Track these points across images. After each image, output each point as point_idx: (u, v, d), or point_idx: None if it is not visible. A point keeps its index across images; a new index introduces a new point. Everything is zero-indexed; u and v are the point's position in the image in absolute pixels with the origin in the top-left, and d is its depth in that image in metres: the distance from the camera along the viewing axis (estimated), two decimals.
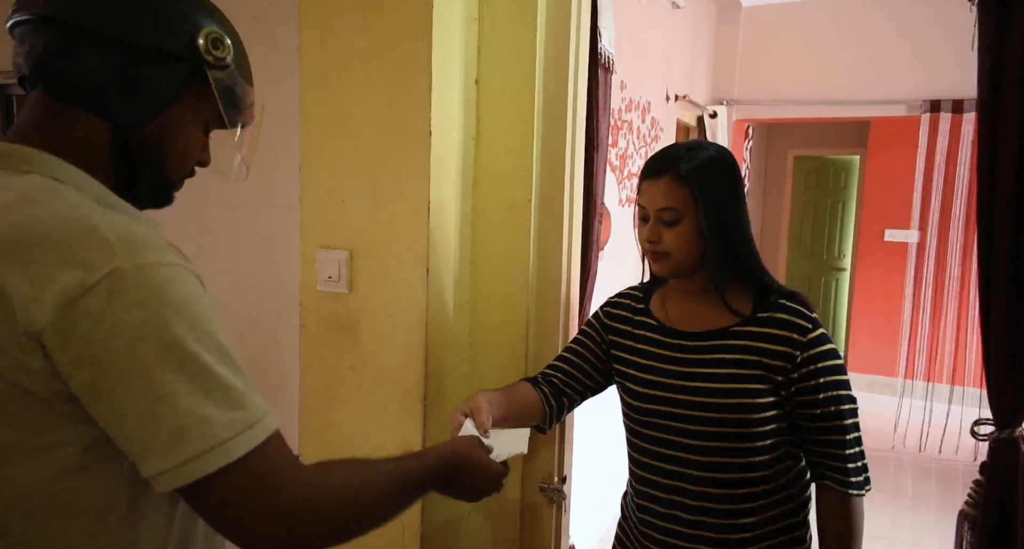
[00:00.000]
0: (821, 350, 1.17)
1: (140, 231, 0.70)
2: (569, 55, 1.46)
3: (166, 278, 0.68)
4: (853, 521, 1.19)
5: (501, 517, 1.56)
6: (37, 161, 0.74)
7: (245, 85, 0.87)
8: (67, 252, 0.66)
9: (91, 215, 0.69)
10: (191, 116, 0.84)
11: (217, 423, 0.67)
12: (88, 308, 0.64)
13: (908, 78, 4.87)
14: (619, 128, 3.34)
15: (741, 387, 1.16)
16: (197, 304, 0.70)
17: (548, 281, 1.51)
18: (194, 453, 0.66)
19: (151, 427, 0.66)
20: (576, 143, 1.52)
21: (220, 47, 0.82)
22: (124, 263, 0.66)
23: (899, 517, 3.80)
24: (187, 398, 0.66)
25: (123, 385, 0.65)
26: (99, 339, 0.64)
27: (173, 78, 0.79)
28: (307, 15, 1.45)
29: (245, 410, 0.70)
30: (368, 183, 1.42)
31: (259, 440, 0.70)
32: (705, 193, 1.16)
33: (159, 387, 0.65)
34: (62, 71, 0.75)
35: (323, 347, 1.50)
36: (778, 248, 7.12)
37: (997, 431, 1.34)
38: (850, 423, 1.18)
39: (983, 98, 1.32)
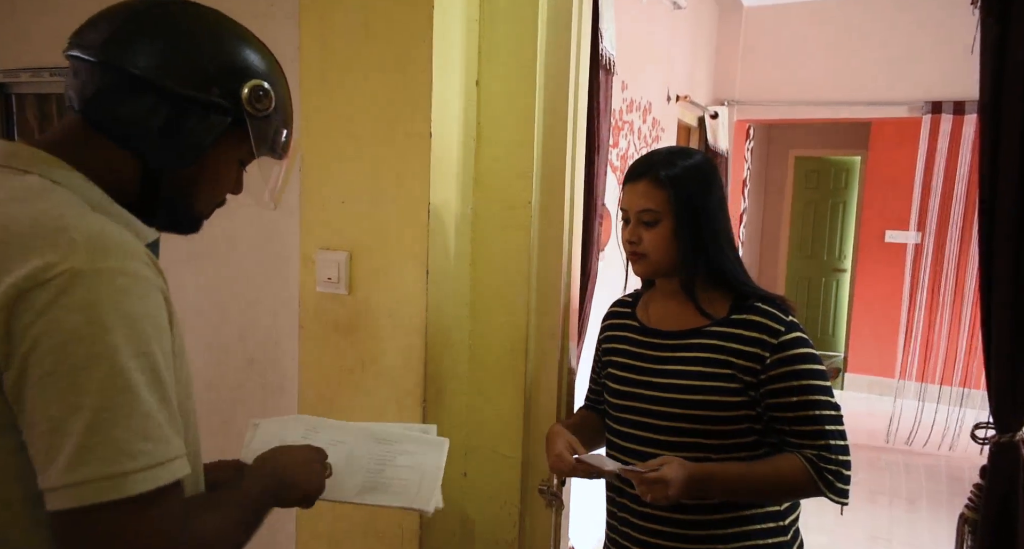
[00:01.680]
0: (793, 353, 1.17)
1: (115, 236, 0.68)
2: (570, 56, 1.46)
3: (121, 287, 0.65)
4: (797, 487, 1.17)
5: (500, 519, 1.56)
6: (37, 162, 0.74)
7: (283, 130, 0.88)
8: (30, 248, 0.65)
9: (67, 215, 0.68)
10: (227, 158, 0.85)
11: (126, 451, 0.63)
12: (33, 303, 0.62)
13: (909, 79, 4.87)
14: (620, 129, 3.33)
15: (708, 384, 1.18)
16: (146, 321, 0.66)
17: (548, 282, 1.50)
18: (94, 475, 0.61)
19: (58, 438, 0.62)
20: (577, 144, 1.52)
21: (263, 99, 0.82)
22: (83, 264, 0.64)
23: (897, 518, 3.80)
24: (102, 415, 0.62)
25: (43, 387, 0.62)
26: (33, 335, 0.62)
27: (214, 128, 0.80)
28: (308, 16, 1.45)
29: (158, 444, 0.65)
30: (368, 184, 1.42)
31: (162, 481, 0.65)
32: (680, 196, 1.21)
33: (77, 396, 0.62)
34: (108, 111, 0.77)
35: (323, 348, 1.50)
36: (778, 249, 7.12)
37: (997, 435, 1.34)
38: (831, 429, 1.17)
39: (984, 100, 1.31)
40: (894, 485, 4.25)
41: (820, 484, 1.16)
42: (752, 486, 1.18)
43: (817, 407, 1.17)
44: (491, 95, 1.48)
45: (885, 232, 5.56)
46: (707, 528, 1.22)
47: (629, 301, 1.41)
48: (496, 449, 1.53)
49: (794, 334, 1.19)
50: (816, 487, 1.16)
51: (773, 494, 1.21)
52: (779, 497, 1.22)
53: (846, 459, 1.17)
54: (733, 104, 5.22)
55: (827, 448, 1.16)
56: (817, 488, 1.16)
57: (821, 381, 1.18)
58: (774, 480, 1.17)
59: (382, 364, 1.44)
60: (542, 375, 1.51)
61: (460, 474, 1.55)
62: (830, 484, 1.16)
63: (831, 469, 1.16)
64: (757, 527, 1.23)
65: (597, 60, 1.72)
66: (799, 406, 1.17)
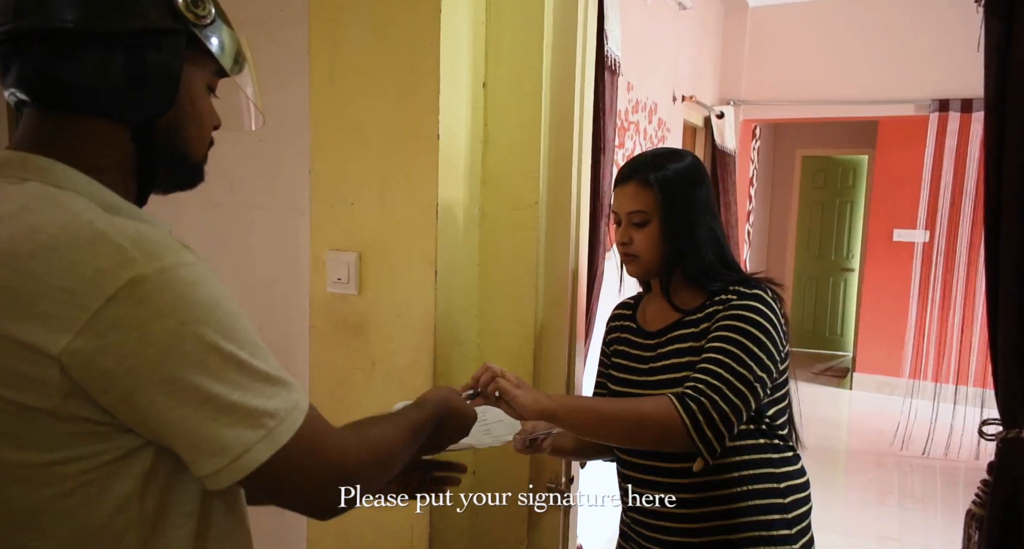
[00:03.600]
0: (730, 312, 1.17)
1: (152, 233, 0.67)
2: (576, 58, 1.47)
3: (190, 281, 0.65)
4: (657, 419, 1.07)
5: (509, 517, 1.57)
6: (34, 168, 0.70)
7: (230, 31, 0.80)
8: (77, 261, 0.62)
9: (96, 221, 0.65)
10: (197, 86, 0.78)
11: (263, 413, 0.68)
12: (114, 320, 0.61)
13: (916, 77, 4.85)
14: (626, 129, 3.34)
15: (687, 375, 1.19)
16: (223, 302, 0.68)
17: (556, 282, 1.51)
18: (246, 446, 0.66)
19: (200, 430, 0.65)
20: (583, 145, 1.53)
21: (200, 4, 0.75)
22: (145, 269, 0.63)
23: (910, 519, 3.78)
24: (231, 396, 0.66)
25: (165, 394, 0.63)
26: (132, 351, 0.62)
27: (173, 55, 0.73)
28: (317, 19, 1.46)
29: (285, 394, 0.71)
30: (377, 185, 1.44)
31: (301, 420, 0.71)
32: (666, 197, 1.23)
33: (202, 390, 0.65)
34: (62, 84, 0.70)
35: (332, 348, 1.52)
36: (786, 248, 7.10)
37: (1004, 431, 1.34)
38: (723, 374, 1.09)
39: (990, 99, 1.32)
40: (903, 485, 4.24)
41: (682, 414, 1.05)
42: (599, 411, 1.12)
43: (723, 353, 1.12)
44: (498, 97, 1.49)
45: (893, 231, 5.54)
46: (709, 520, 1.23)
47: (631, 304, 1.43)
48: (504, 447, 1.54)
49: (746, 301, 1.18)
50: (679, 422, 1.05)
51: (625, 426, 1.10)
52: (635, 434, 1.11)
53: (721, 405, 1.07)
54: (739, 104, 5.22)
55: (706, 383, 1.09)
56: (679, 422, 1.05)
57: (743, 338, 1.13)
58: (629, 410, 1.11)
59: (392, 364, 1.46)
60: (550, 374, 1.52)
61: (469, 472, 1.56)
62: (693, 417, 1.06)
63: (699, 401, 1.06)
64: (760, 519, 1.22)
65: (602, 61, 1.74)
66: (708, 350, 1.14)
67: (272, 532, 1.91)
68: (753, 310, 1.16)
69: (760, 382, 1.13)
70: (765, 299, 1.19)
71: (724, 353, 1.13)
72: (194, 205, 1.83)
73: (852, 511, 3.81)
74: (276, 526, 1.90)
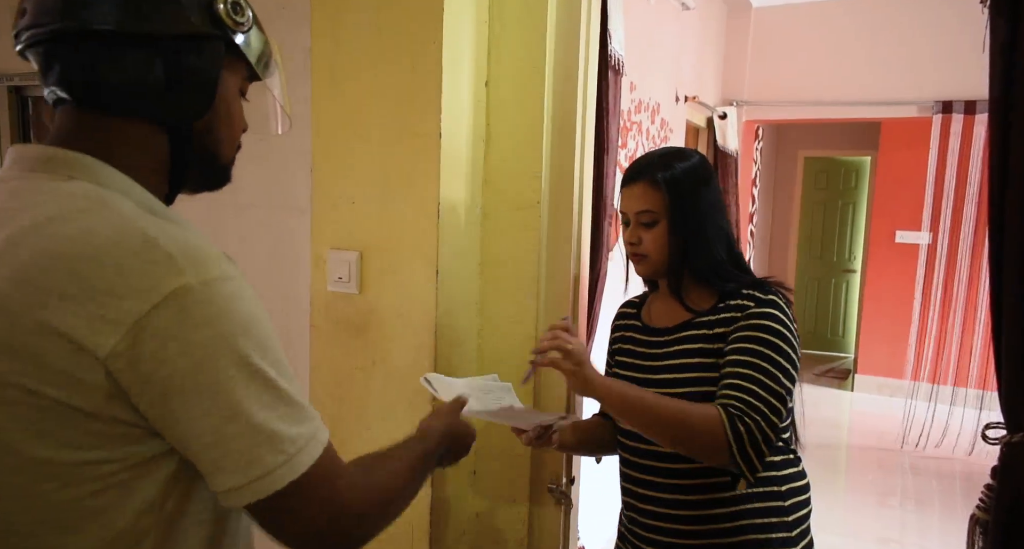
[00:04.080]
0: (753, 322, 1.16)
1: (198, 243, 0.68)
2: (579, 57, 1.46)
3: (231, 295, 0.67)
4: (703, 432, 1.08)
5: (509, 518, 1.57)
6: (80, 166, 0.71)
7: (265, 37, 0.83)
8: (128, 267, 0.64)
9: (147, 227, 0.67)
10: (231, 89, 0.80)
11: (286, 438, 0.68)
12: (157, 327, 0.63)
13: (920, 79, 4.84)
14: (628, 129, 3.34)
15: (697, 376, 1.20)
16: (260, 319, 0.69)
17: (557, 282, 1.51)
18: (265, 470, 0.67)
19: (223, 445, 0.66)
20: (586, 144, 1.52)
21: (240, 11, 0.77)
22: (191, 279, 0.64)
23: (911, 521, 3.78)
24: (257, 415, 0.67)
25: (195, 404, 0.65)
26: (169, 358, 0.63)
27: (215, 58, 0.76)
28: (319, 19, 1.46)
29: (307, 423, 0.71)
30: (378, 184, 1.43)
31: (319, 451, 0.71)
32: (674, 196, 1.23)
33: (231, 405, 0.65)
34: (102, 85, 0.71)
35: (333, 347, 1.51)
36: (788, 249, 7.09)
37: (1009, 435, 1.33)
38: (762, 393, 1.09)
39: (995, 100, 1.31)
40: (904, 487, 4.23)
41: (729, 434, 1.06)
42: (649, 411, 1.11)
43: (756, 369, 1.12)
44: (500, 95, 1.49)
45: (895, 232, 5.54)
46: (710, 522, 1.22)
47: (636, 302, 1.43)
48: (505, 448, 1.54)
49: (764, 309, 1.18)
50: (725, 439, 1.06)
51: (672, 430, 1.11)
52: (679, 437, 1.11)
53: (764, 427, 1.08)
54: (742, 104, 5.21)
55: (747, 403, 1.09)
56: (725, 440, 1.06)
57: (772, 351, 1.13)
58: (677, 413, 1.10)
59: (392, 363, 1.45)
60: (551, 374, 1.52)
61: (469, 472, 1.56)
62: (739, 438, 1.06)
63: (746, 423, 1.07)
64: (759, 521, 1.22)
65: (606, 61, 1.73)
66: (738, 364, 1.14)
67: None
68: (773, 319, 1.17)
69: (789, 395, 1.15)
70: (781, 306, 1.19)
71: (756, 368, 1.13)
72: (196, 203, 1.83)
73: (853, 513, 3.80)
74: None
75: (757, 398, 1.10)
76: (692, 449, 1.13)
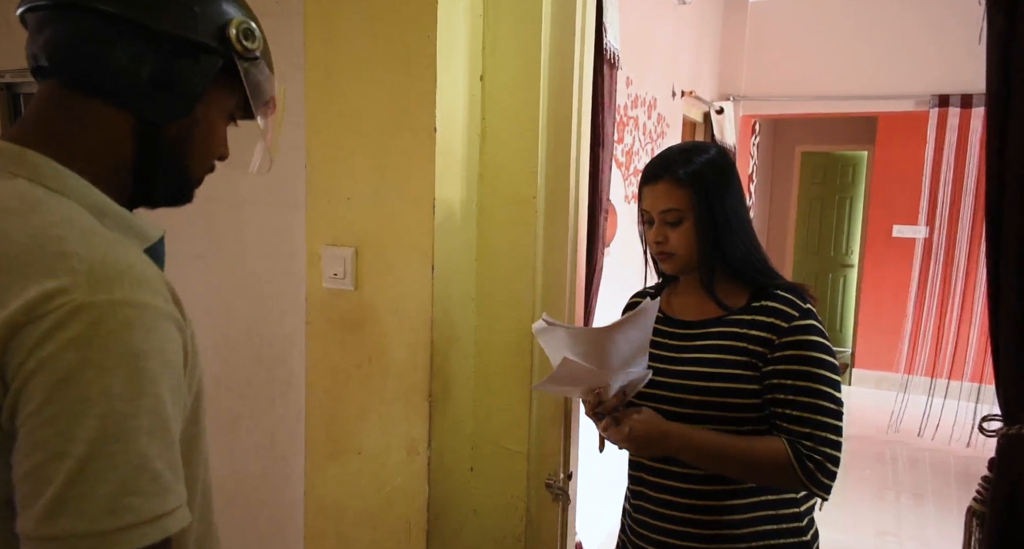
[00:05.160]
0: (803, 338, 1.18)
1: (121, 258, 0.63)
2: (574, 51, 1.46)
3: (125, 321, 0.59)
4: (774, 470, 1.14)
5: (507, 514, 1.57)
6: (25, 163, 0.67)
7: (270, 75, 0.83)
8: (27, 276, 0.59)
9: (67, 237, 0.62)
10: (218, 110, 0.79)
11: (108, 508, 0.57)
12: (27, 338, 0.57)
13: (916, 73, 4.84)
14: (625, 124, 3.33)
15: (724, 372, 1.20)
16: (151, 357, 0.61)
17: (554, 277, 1.50)
18: (69, 531, 0.56)
19: (38, 484, 0.56)
20: (581, 139, 1.52)
21: (251, 38, 0.77)
22: (84, 296, 0.58)
23: (910, 514, 3.79)
24: (88, 465, 0.56)
25: (30, 428, 0.57)
26: (26, 372, 0.57)
27: (205, 72, 0.75)
28: (312, 13, 1.45)
29: (149, 499, 0.59)
30: (373, 180, 1.42)
31: (148, 541, 0.59)
32: (699, 193, 1.22)
33: (63, 443, 0.56)
34: (88, 61, 0.69)
35: (329, 344, 1.51)
36: (785, 244, 7.09)
37: (1006, 427, 1.34)
38: (824, 420, 1.15)
39: (992, 92, 1.31)
40: (902, 481, 4.24)
41: (799, 471, 1.13)
42: (720, 457, 1.16)
43: (816, 395, 1.16)
44: (496, 90, 1.48)
45: (892, 227, 5.54)
46: (723, 513, 1.23)
47: (651, 293, 1.43)
48: (503, 444, 1.54)
49: (808, 321, 1.19)
50: (795, 474, 1.13)
51: (744, 471, 1.18)
52: (752, 476, 1.19)
53: (834, 454, 1.15)
54: (739, 99, 5.20)
55: (815, 437, 1.14)
56: (795, 475, 1.13)
57: (827, 372, 1.17)
58: (747, 457, 1.15)
59: (389, 359, 1.45)
60: (548, 369, 1.51)
61: (467, 469, 1.56)
62: (810, 473, 1.13)
63: (815, 458, 1.14)
64: (772, 513, 1.23)
65: (601, 54, 1.72)
66: (797, 390, 1.16)
67: (270, 530, 1.91)
68: (816, 332, 1.19)
69: (842, 407, 1.18)
70: (818, 317, 1.21)
71: (815, 394, 1.16)
72: None
73: (851, 507, 3.81)
74: (274, 524, 1.90)
75: (823, 427, 1.15)
76: (764, 482, 1.21)
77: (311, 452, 1.54)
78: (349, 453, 1.50)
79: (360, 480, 1.49)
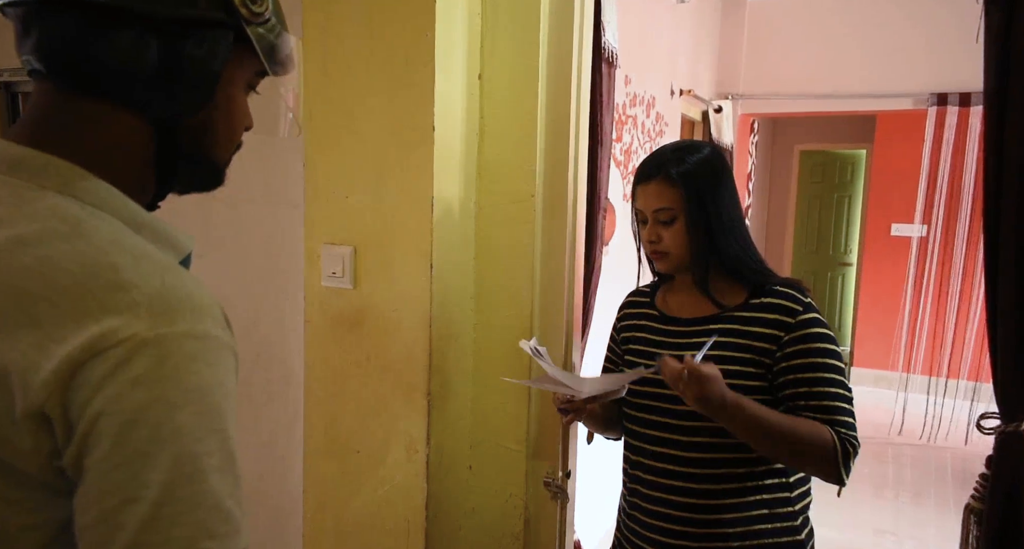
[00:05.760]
0: (810, 332, 1.19)
1: (179, 286, 0.59)
2: (572, 49, 1.46)
3: (190, 354, 0.56)
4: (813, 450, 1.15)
5: (505, 512, 1.57)
6: (54, 173, 0.61)
7: (283, 32, 0.74)
8: (86, 312, 0.55)
9: (121, 265, 0.57)
10: (236, 85, 0.71)
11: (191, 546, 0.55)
12: (91, 376, 0.53)
13: (915, 71, 4.84)
14: (623, 123, 3.33)
15: (725, 368, 1.19)
16: (218, 392, 0.58)
17: (552, 276, 1.50)
18: None
19: (107, 530, 0.53)
20: (580, 138, 1.52)
21: (258, 0, 0.68)
22: (147, 330, 0.55)
23: (907, 512, 3.79)
24: (163, 509, 0.54)
25: (100, 472, 0.54)
26: (92, 413, 0.53)
27: (218, 50, 0.66)
28: (310, 11, 1.45)
29: (225, 541, 0.56)
30: (372, 179, 1.42)
31: None
32: (691, 191, 1.23)
33: (135, 487, 0.53)
34: (83, 61, 0.62)
35: (328, 342, 1.51)
36: (784, 243, 7.10)
37: (1003, 424, 1.34)
38: (844, 407, 1.18)
39: (990, 91, 1.31)
40: (900, 478, 4.24)
41: (840, 454, 1.15)
42: (766, 427, 1.14)
43: (833, 385, 1.18)
44: (494, 89, 1.48)
45: (891, 225, 5.54)
46: (717, 512, 1.23)
47: (647, 291, 1.44)
48: (501, 442, 1.54)
49: (812, 314, 1.21)
50: (834, 457, 1.15)
51: (783, 447, 1.16)
52: (790, 455, 1.18)
53: (857, 442, 1.18)
54: (737, 98, 5.20)
55: (846, 424, 1.17)
56: (834, 458, 1.14)
57: (836, 361, 1.20)
58: (791, 433, 1.14)
59: (387, 358, 1.45)
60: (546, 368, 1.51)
61: (465, 467, 1.56)
62: (847, 458, 1.16)
63: (851, 444, 1.17)
64: (766, 511, 1.23)
65: (599, 53, 1.72)
66: (815, 382, 1.18)
67: (269, 529, 1.91)
68: (823, 325, 1.21)
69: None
70: (826, 323, 1.23)
71: (836, 385, 1.19)
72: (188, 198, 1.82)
73: (849, 505, 3.81)
74: (273, 522, 1.90)
75: (848, 415, 1.18)
76: (799, 464, 1.22)
77: (310, 451, 1.54)
78: (348, 452, 1.50)
79: (359, 479, 1.49)
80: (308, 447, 1.55)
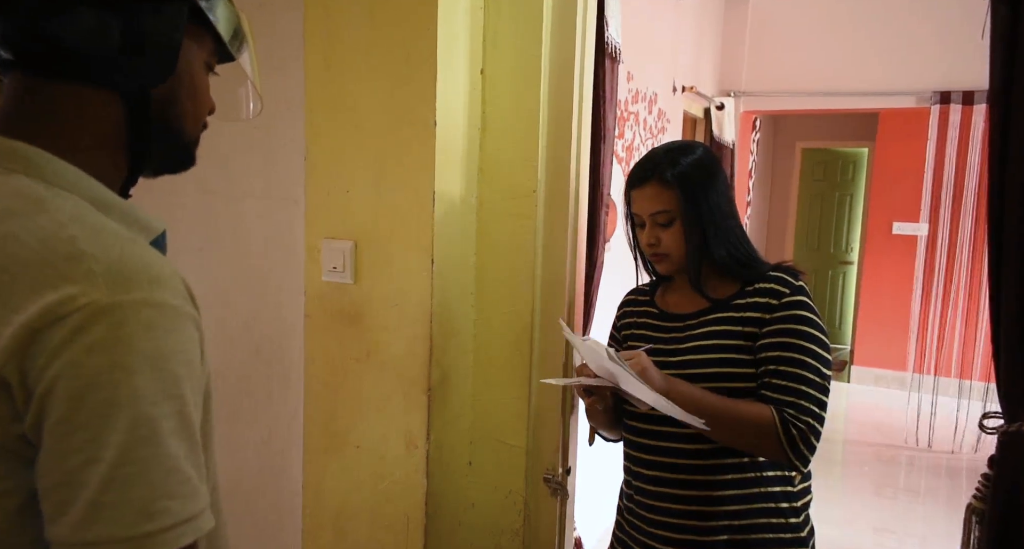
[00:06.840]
0: (792, 313, 1.19)
1: (137, 256, 0.61)
2: (575, 44, 1.45)
3: (147, 322, 0.58)
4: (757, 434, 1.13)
5: (505, 508, 1.56)
6: (20, 158, 0.64)
7: (233, 8, 0.77)
8: (44, 281, 0.57)
9: (79, 236, 0.59)
10: (195, 60, 0.74)
11: (145, 511, 0.56)
12: (48, 342, 0.55)
13: (918, 69, 4.83)
14: (626, 119, 3.32)
15: (721, 357, 1.21)
16: (175, 358, 0.60)
17: (554, 272, 1.50)
18: (107, 537, 0.55)
19: (71, 490, 0.56)
20: (582, 133, 1.51)
21: None
22: (103, 297, 0.56)
23: (908, 511, 3.79)
24: (121, 469, 0.56)
25: (58, 435, 0.56)
26: (50, 378, 0.55)
27: (176, 22, 0.69)
28: (313, 4, 1.44)
29: (183, 502, 0.59)
30: (373, 173, 1.42)
31: (184, 541, 0.59)
32: (687, 193, 1.24)
33: (95, 448, 0.55)
34: (52, 45, 0.64)
35: (328, 337, 1.50)
36: (785, 241, 7.09)
37: (1006, 424, 1.33)
38: (809, 391, 1.15)
39: (995, 88, 1.30)
40: (900, 477, 4.24)
41: (782, 436, 1.12)
42: (707, 409, 1.13)
43: (802, 366, 1.16)
44: (496, 84, 1.47)
45: (892, 224, 5.54)
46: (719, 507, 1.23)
47: (647, 289, 1.44)
48: (501, 438, 1.53)
49: (798, 297, 1.21)
50: (777, 439, 1.13)
51: (727, 430, 1.16)
52: (735, 437, 1.18)
53: (815, 426, 1.14)
54: (739, 95, 5.19)
55: (798, 406, 1.14)
56: (777, 441, 1.13)
57: (814, 346, 1.18)
58: (732, 414, 1.14)
59: (387, 353, 1.44)
60: (547, 364, 1.51)
61: (465, 463, 1.56)
62: (792, 441, 1.13)
63: (798, 426, 1.13)
64: (768, 506, 1.23)
65: (603, 48, 1.71)
66: (783, 361, 1.17)
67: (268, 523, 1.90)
68: (807, 308, 1.20)
69: (829, 382, 1.18)
70: (810, 294, 1.22)
71: (801, 365, 1.16)
72: (188, 193, 1.81)
73: (850, 503, 3.82)
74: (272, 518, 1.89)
75: (806, 398, 1.15)
76: (746, 448, 1.19)
77: (309, 446, 1.54)
78: (347, 447, 1.50)
79: (358, 474, 1.49)
80: (308, 442, 1.55)
